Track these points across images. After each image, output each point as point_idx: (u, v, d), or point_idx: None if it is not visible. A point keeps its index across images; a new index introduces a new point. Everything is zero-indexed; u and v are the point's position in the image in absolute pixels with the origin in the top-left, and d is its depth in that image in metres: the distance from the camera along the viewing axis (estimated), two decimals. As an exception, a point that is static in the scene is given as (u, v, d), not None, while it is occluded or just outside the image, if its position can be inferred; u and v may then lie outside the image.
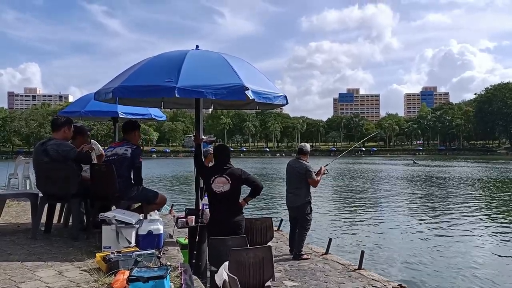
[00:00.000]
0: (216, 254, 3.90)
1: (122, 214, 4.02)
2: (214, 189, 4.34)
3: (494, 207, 15.99)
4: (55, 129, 4.79)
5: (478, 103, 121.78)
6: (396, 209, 15.51)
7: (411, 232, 11.04)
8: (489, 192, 21.25)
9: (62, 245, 4.37)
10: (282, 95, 4.53)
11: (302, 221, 6.32)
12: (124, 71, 4.45)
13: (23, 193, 6.33)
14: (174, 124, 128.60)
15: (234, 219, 4.33)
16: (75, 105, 7.21)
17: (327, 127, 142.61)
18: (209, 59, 4.45)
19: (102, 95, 4.36)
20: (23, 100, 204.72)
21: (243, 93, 3.93)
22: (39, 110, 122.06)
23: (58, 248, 4.20)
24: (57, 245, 4.35)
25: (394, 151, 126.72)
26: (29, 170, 10.35)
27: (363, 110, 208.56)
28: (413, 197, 19.41)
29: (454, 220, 12.81)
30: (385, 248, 9.15)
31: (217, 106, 6.07)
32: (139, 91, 4.09)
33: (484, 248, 9.32)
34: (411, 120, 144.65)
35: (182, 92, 3.84)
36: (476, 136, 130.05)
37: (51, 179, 4.66)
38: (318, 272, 5.55)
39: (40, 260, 3.67)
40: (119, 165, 4.61)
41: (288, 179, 6.58)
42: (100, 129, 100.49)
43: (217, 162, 4.48)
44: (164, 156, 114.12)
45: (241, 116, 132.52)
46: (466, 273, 7.37)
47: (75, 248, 4.18)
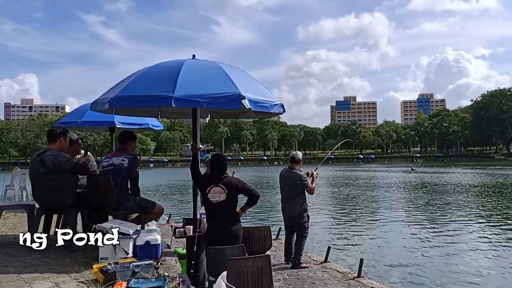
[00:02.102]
0: (214, 264, 3.88)
1: (120, 224, 4.00)
2: (211, 199, 4.33)
3: (493, 213, 15.98)
4: (52, 140, 4.78)
5: (475, 109, 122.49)
6: (395, 217, 15.48)
7: (410, 240, 11.01)
8: (487, 198, 21.25)
9: (59, 256, 4.33)
10: (279, 103, 4.54)
11: (299, 230, 6.29)
12: (121, 81, 4.46)
13: (19, 204, 6.31)
14: (171, 133, 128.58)
15: (231, 228, 4.31)
16: (71, 116, 7.21)
17: (324, 135, 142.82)
18: (206, 69, 4.47)
19: (99, 105, 4.36)
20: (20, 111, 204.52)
21: (240, 102, 3.93)
22: (36, 121, 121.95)
23: (54, 260, 4.17)
24: (53, 257, 4.31)
25: (391, 158, 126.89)
26: (25, 181, 10.31)
27: (360, 118, 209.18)
28: (411, 204, 19.39)
29: (453, 227, 12.79)
30: (384, 256, 9.11)
31: (214, 115, 6.08)
32: (136, 101, 4.09)
33: (484, 255, 9.28)
34: (408, 127, 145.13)
35: (179, 102, 3.84)
36: (473, 142, 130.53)
37: (48, 190, 4.64)
38: (317, 281, 5.52)
39: (36, 272, 3.64)
40: (116, 176, 4.60)
41: (282, 189, 6.54)
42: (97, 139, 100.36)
43: (213, 171, 4.47)
44: (161, 166, 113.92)
45: (238, 125, 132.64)
46: (466, 280, 7.34)
47: (72, 259, 4.15)
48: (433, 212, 16.52)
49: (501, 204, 18.68)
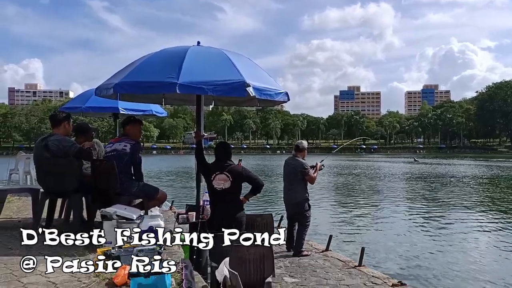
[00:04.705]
0: (217, 250, 3.90)
1: (123, 209, 4.03)
2: (215, 186, 4.34)
3: (495, 204, 15.99)
4: (55, 125, 4.79)
5: (479, 101, 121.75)
6: (396, 206, 15.52)
7: (412, 229, 11.05)
8: (489, 190, 21.26)
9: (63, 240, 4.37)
10: (283, 91, 4.52)
11: (301, 218, 6.32)
12: (125, 67, 4.44)
13: (24, 188, 6.36)
14: (174, 120, 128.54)
15: (235, 216, 4.34)
16: (75, 101, 7.21)
17: (327, 125, 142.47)
18: (211, 55, 4.44)
19: (103, 91, 4.36)
20: (24, 96, 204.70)
21: (245, 89, 3.92)
22: (40, 106, 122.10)
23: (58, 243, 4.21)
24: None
25: (394, 149, 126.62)
26: (30, 166, 10.36)
27: (364, 108, 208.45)
28: (413, 195, 19.41)
29: (455, 218, 12.81)
30: (385, 245, 9.15)
31: (218, 103, 6.07)
32: (140, 87, 4.09)
33: (484, 245, 9.33)
34: (412, 118, 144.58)
35: (183, 89, 3.83)
36: (477, 134, 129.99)
37: (52, 174, 4.67)
38: (318, 269, 5.56)
39: (41, 254, 3.67)
40: (119, 161, 4.61)
41: (285, 177, 6.58)
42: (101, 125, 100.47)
43: (218, 159, 4.48)
44: (164, 153, 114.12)
45: (241, 113, 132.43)
46: (467, 270, 7.37)
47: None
48: (435, 202, 16.54)
49: (503, 196, 18.67)
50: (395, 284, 4.90)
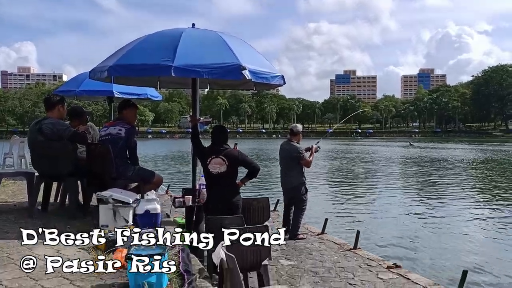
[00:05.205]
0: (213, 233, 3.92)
1: (119, 193, 4.03)
2: (211, 170, 4.33)
3: (489, 188, 16.17)
4: (49, 108, 4.75)
5: (475, 85, 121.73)
6: (392, 190, 15.64)
7: (407, 213, 11.16)
8: (483, 173, 21.44)
9: (59, 223, 4.38)
10: (279, 75, 4.49)
11: (297, 202, 6.34)
12: (119, 49, 4.38)
13: (19, 172, 6.33)
14: (170, 104, 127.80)
15: (231, 200, 4.34)
16: (69, 84, 7.12)
17: (323, 109, 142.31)
18: (206, 38, 4.38)
19: (97, 74, 4.30)
20: (17, 79, 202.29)
21: (240, 72, 3.89)
22: (34, 89, 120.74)
23: (55, 227, 4.21)
24: (54, 224, 4.36)
25: (390, 133, 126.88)
26: (24, 150, 10.32)
27: (360, 92, 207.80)
28: (409, 179, 19.56)
29: (449, 201, 12.95)
30: (380, 228, 9.25)
31: (214, 86, 6.02)
32: (135, 70, 4.04)
33: (478, 227, 9.44)
34: (407, 102, 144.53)
35: (179, 71, 3.80)
36: (472, 119, 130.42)
37: (46, 158, 4.65)
38: (314, 252, 5.61)
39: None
40: (114, 145, 4.59)
41: (281, 161, 6.58)
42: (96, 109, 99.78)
43: (214, 142, 4.46)
44: (160, 137, 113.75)
45: (237, 97, 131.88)
46: (460, 252, 7.48)
47: (72, 226, 4.20)
48: (430, 186, 16.69)
49: (497, 180, 18.86)
50: (390, 266, 4.95)
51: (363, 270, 4.87)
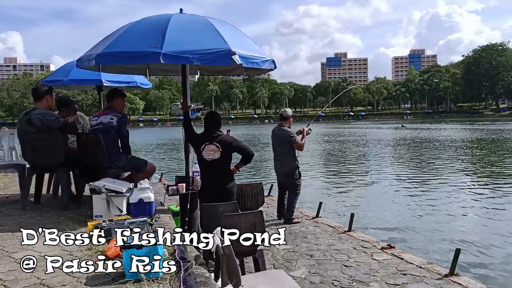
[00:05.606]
0: (208, 220, 3.93)
1: (112, 183, 4.00)
2: (205, 157, 4.31)
3: (482, 168, 16.34)
4: (38, 99, 4.68)
5: (466, 65, 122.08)
6: (385, 172, 15.76)
7: (400, 195, 11.26)
8: (476, 153, 21.67)
9: (53, 215, 4.36)
10: (270, 59, 4.44)
11: (291, 187, 6.37)
12: (106, 37, 4.30)
13: (10, 164, 6.27)
14: (160, 92, 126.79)
15: (226, 186, 4.34)
16: (57, 74, 7.00)
17: (315, 93, 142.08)
18: (194, 23, 4.31)
19: (84, 62, 4.22)
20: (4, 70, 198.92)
21: (230, 58, 3.84)
22: (21, 80, 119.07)
23: (49, 218, 4.19)
24: (47, 215, 4.34)
25: (382, 115, 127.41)
26: (14, 141, 10.17)
27: (351, 75, 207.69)
28: (402, 161, 19.71)
29: (442, 182, 13.06)
30: (374, 211, 9.33)
31: (204, 72, 5.96)
32: (123, 57, 3.96)
33: (471, 208, 9.53)
34: (399, 84, 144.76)
35: (168, 58, 3.74)
36: (463, 98, 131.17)
37: (37, 149, 4.59)
38: (309, 235, 5.66)
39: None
40: (106, 134, 4.55)
41: (273, 147, 6.59)
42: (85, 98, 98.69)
43: (207, 129, 4.43)
44: (151, 125, 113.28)
45: (228, 83, 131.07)
46: (453, 232, 7.57)
47: (66, 217, 4.18)
48: (423, 167, 16.84)
49: (490, 160, 19.07)
50: (385, 247, 5.01)
51: (358, 251, 4.93)
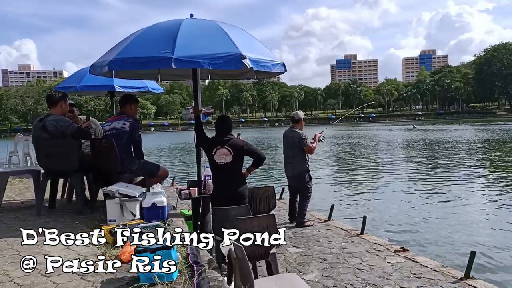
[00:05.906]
0: (221, 224, 3.94)
1: (125, 187, 4.04)
2: (217, 161, 4.33)
3: (496, 169, 16.07)
4: (52, 105, 4.75)
5: (478, 65, 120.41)
6: (397, 174, 15.60)
7: (413, 197, 11.13)
8: (489, 154, 21.33)
9: (67, 220, 4.41)
10: (280, 62, 4.46)
11: (302, 190, 6.35)
12: (118, 43, 4.36)
13: (25, 170, 6.36)
14: (171, 97, 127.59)
15: (238, 190, 4.34)
16: (70, 80, 7.11)
17: (325, 95, 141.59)
18: (205, 28, 4.35)
19: (97, 69, 4.29)
20: (18, 77, 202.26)
21: (241, 61, 3.87)
22: (35, 87, 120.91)
23: (63, 223, 4.25)
24: (62, 220, 4.40)
25: (393, 117, 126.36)
26: (29, 147, 10.35)
27: (361, 76, 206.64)
28: (413, 162, 19.50)
29: (456, 184, 12.87)
30: (387, 213, 9.24)
31: (214, 77, 5.99)
32: (135, 63, 4.02)
33: (486, 210, 9.36)
34: (409, 85, 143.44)
35: (179, 63, 3.77)
36: (476, 99, 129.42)
37: (51, 155, 4.66)
38: (321, 238, 5.62)
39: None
40: (119, 139, 4.60)
41: (284, 149, 6.57)
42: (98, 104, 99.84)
43: (218, 133, 4.45)
44: (162, 130, 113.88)
45: (238, 87, 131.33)
46: (468, 235, 7.45)
47: (80, 222, 4.23)
48: (435, 169, 16.64)
49: (504, 160, 18.78)
50: (398, 250, 4.96)
51: (371, 255, 4.88)
